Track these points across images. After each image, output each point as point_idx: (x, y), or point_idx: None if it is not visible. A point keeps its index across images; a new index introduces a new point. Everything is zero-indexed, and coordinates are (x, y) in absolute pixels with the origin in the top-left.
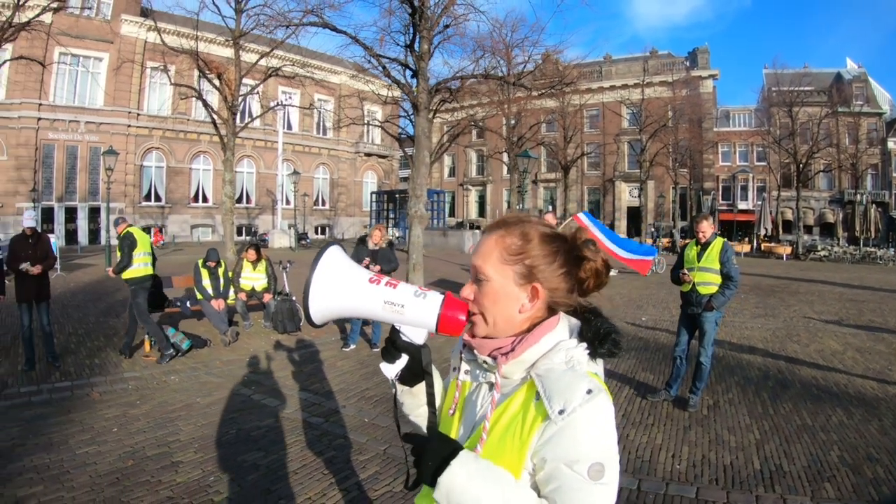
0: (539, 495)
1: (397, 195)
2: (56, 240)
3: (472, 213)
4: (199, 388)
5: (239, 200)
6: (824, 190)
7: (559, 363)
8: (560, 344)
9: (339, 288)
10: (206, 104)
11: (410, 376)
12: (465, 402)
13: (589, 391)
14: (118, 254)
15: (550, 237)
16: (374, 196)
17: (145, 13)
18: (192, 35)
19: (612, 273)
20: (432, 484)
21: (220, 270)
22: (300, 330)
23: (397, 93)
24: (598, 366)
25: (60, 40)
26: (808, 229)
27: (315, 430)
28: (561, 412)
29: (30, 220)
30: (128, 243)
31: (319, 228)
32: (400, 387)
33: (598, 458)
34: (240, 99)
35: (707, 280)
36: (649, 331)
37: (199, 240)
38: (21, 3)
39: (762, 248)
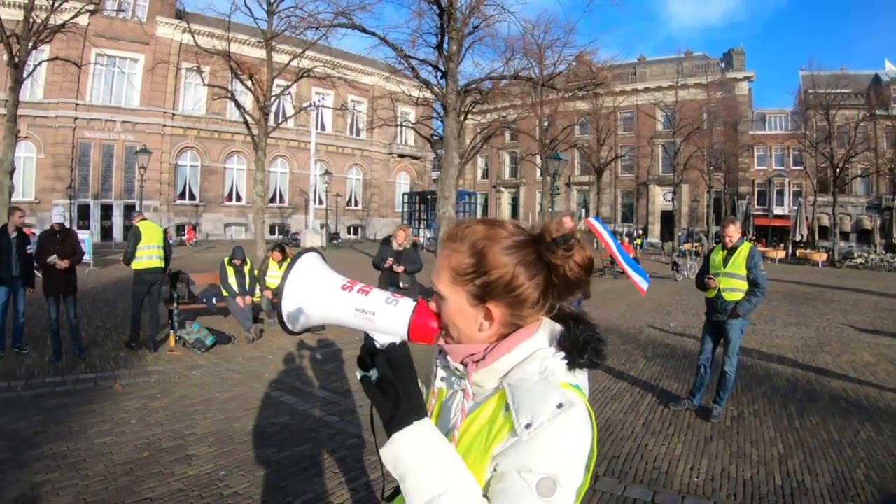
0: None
1: (429, 196)
2: (90, 236)
3: (505, 214)
4: (219, 383)
5: (272, 200)
6: (861, 195)
7: (532, 373)
8: (536, 353)
9: (311, 295)
10: (238, 105)
11: None
12: (441, 410)
13: (560, 405)
14: None
15: (507, 249)
16: (406, 197)
17: (180, 15)
18: (224, 36)
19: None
20: (389, 432)
21: (246, 268)
22: (324, 329)
23: (429, 94)
24: (579, 377)
25: (96, 42)
26: (845, 236)
27: (330, 428)
28: (527, 426)
29: (58, 216)
30: (133, 237)
31: (352, 228)
32: None
33: (553, 473)
34: (272, 99)
35: (733, 286)
36: (677, 337)
37: (232, 238)
38: (56, 5)
39: (797, 254)
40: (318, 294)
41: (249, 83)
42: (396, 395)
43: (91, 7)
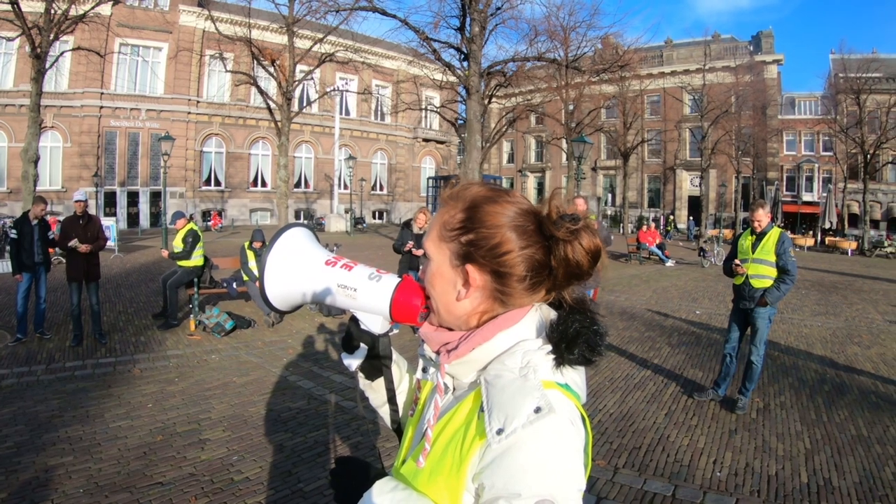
0: None
1: (453, 180)
2: (114, 223)
3: (531, 199)
4: (237, 367)
5: (297, 185)
6: (892, 182)
7: (512, 368)
8: (519, 345)
9: (294, 271)
10: (260, 90)
11: (370, 369)
12: (425, 403)
13: (537, 409)
14: (180, 244)
15: (504, 210)
16: (430, 181)
17: (202, 3)
18: (246, 23)
19: (669, 263)
20: None
21: None
22: (345, 313)
23: (453, 77)
24: (570, 375)
25: (119, 31)
26: (875, 224)
27: (346, 413)
28: (499, 432)
29: (80, 195)
30: (192, 239)
31: (377, 213)
32: (362, 380)
33: (547, 494)
34: (295, 85)
35: (761, 273)
36: (702, 325)
37: (257, 223)
38: None
39: (826, 242)
40: (300, 270)
41: (272, 69)
42: (343, 471)
43: None
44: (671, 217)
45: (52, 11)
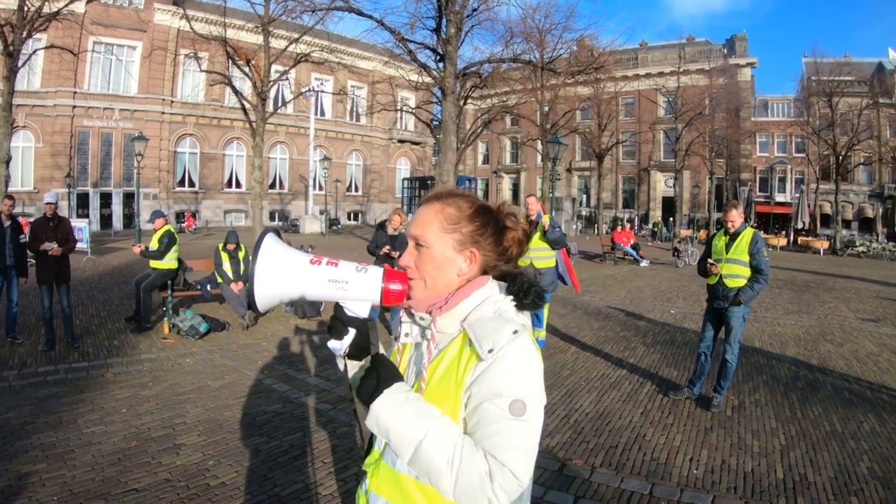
0: (465, 432)
1: (429, 181)
2: (87, 224)
3: (507, 200)
4: (212, 370)
5: (272, 186)
6: (864, 183)
7: (487, 313)
8: (489, 298)
9: (283, 272)
10: (235, 90)
11: (358, 350)
12: (408, 364)
13: (515, 331)
14: (155, 244)
15: (481, 209)
16: (405, 182)
17: (177, 1)
18: (221, 22)
19: (644, 264)
20: (367, 405)
21: (241, 254)
22: (320, 315)
23: (428, 79)
24: (525, 318)
25: (93, 30)
26: (847, 224)
27: (322, 416)
28: (490, 351)
29: (50, 196)
30: (168, 240)
31: (352, 214)
32: (350, 362)
33: (520, 394)
34: (270, 85)
35: (735, 273)
36: (677, 324)
37: (231, 224)
38: None
39: (799, 242)
40: (289, 270)
41: (247, 69)
42: (368, 374)
43: None
44: (657, 221)
45: (26, 8)
